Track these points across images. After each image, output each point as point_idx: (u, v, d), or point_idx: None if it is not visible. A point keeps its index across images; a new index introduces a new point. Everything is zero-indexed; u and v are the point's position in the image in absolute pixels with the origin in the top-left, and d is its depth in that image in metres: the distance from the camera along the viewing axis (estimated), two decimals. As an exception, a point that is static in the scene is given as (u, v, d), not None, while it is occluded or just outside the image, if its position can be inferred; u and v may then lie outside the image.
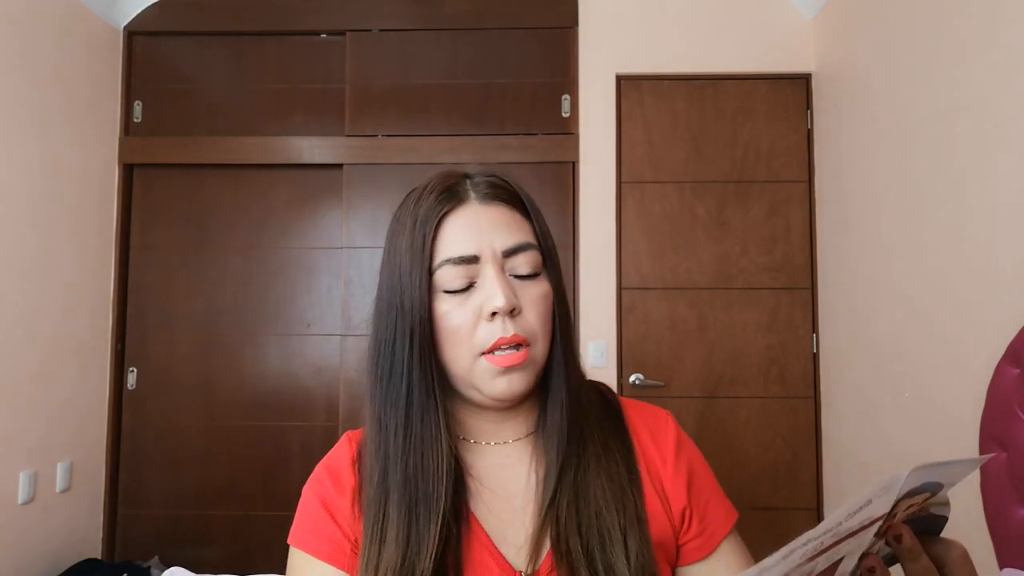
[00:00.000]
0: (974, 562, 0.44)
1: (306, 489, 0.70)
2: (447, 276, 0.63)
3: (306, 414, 2.61)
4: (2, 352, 2.07)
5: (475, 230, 0.64)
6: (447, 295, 0.63)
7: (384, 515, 0.63)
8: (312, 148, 2.64)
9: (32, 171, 2.21)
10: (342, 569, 0.65)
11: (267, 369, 2.64)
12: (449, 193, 0.65)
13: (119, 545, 2.58)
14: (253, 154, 2.65)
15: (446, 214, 0.64)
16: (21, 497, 2.14)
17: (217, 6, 2.70)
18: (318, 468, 0.71)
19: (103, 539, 2.55)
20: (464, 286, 0.63)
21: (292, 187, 2.70)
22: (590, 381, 0.75)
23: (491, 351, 0.62)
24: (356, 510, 0.67)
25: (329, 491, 0.68)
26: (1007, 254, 1.51)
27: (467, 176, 0.68)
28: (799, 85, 2.61)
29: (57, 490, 2.31)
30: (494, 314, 0.62)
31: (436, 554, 0.60)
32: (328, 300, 2.66)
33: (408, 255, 0.64)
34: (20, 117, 2.17)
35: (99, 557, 2.51)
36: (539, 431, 0.69)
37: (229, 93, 2.71)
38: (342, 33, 2.69)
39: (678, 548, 0.69)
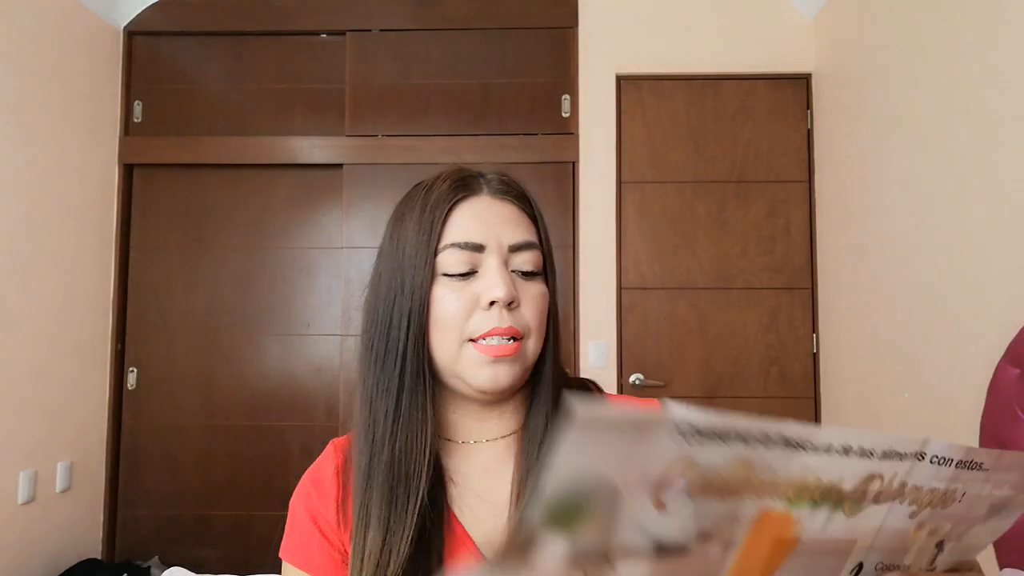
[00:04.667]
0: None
1: (293, 502, 0.70)
2: (450, 260, 0.63)
3: (306, 414, 2.61)
4: (2, 352, 2.07)
5: (484, 221, 0.64)
6: (446, 279, 0.64)
7: (369, 499, 0.63)
8: (312, 148, 2.64)
9: (32, 171, 2.21)
10: None
11: (267, 369, 2.64)
12: (463, 183, 0.66)
13: (119, 545, 2.58)
14: (253, 154, 2.65)
15: (458, 201, 0.65)
16: (21, 497, 2.14)
17: (217, 6, 2.70)
18: (303, 479, 0.71)
19: (103, 539, 2.55)
20: (464, 271, 0.63)
21: (292, 187, 2.69)
22: (576, 378, 0.75)
23: (482, 338, 0.62)
24: (340, 520, 0.66)
25: (315, 503, 0.68)
26: (1007, 254, 1.51)
27: (480, 174, 0.69)
28: (799, 85, 2.61)
29: (57, 490, 2.31)
30: (492, 303, 0.62)
31: (412, 536, 0.60)
32: (328, 300, 2.66)
33: (415, 238, 0.65)
34: (20, 117, 2.17)
35: (99, 557, 2.51)
36: (524, 430, 0.68)
37: (229, 93, 2.71)
38: (342, 33, 2.69)
39: None
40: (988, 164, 1.57)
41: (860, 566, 0.42)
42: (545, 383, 0.67)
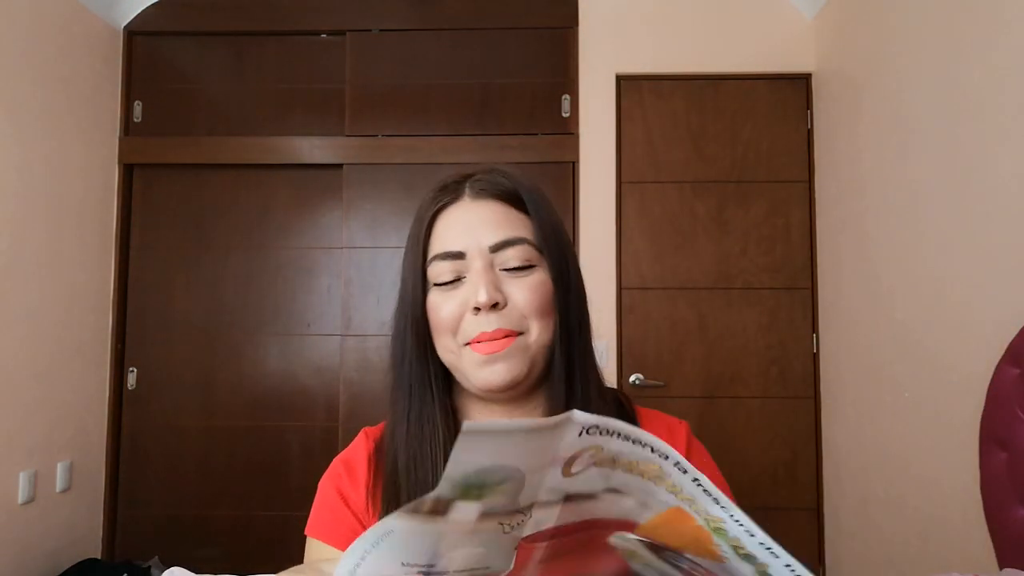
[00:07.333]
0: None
1: (323, 481, 0.72)
2: (436, 270, 0.66)
3: (306, 414, 2.61)
4: (3, 352, 2.07)
5: (463, 226, 0.66)
6: (437, 288, 0.67)
7: (396, 498, 0.65)
8: (312, 148, 2.64)
9: (32, 171, 2.21)
10: None
11: (267, 369, 2.64)
12: (444, 191, 0.69)
13: (119, 545, 2.58)
14: (253, 154, 2.65)
15: (438, 211, 0.68)
16: (21, 497, 2.14)
17: (217, 6, 2.70)
18: (335, 461, 0.73)
19: (103, 539, 2.55)
20: (452, 279, 0.66)
21: (292, 187, 2.69)
22: (610, 389, 0.74)
23: (476, 341, 0.64)
24: (370, 504, 0.68)
25: (345, 483, 0.70)
26: (1007, 254, 1.51)
27: (468, 176, 0.70)
28: (799, 85, 2.61)
29: (57, 490, 2.31)
30: (478, 309, 0.64)
31: None
32: (328, 300, 2.66)
33: (410, 251, 0.68)
34: (20, 117, 2.16)
35: (99, 557, 2.51)
36: None
37: (229, 93, 2.71)
38: (342, 33, 2.69)
39: None
40: (988, 164, 1.57)
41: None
42: (558, 373, 0.67)
